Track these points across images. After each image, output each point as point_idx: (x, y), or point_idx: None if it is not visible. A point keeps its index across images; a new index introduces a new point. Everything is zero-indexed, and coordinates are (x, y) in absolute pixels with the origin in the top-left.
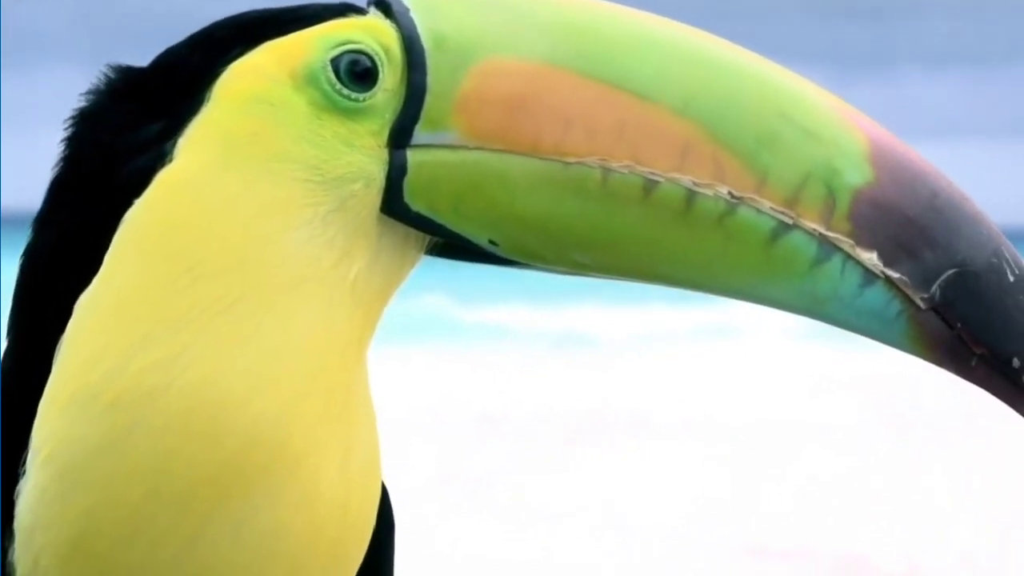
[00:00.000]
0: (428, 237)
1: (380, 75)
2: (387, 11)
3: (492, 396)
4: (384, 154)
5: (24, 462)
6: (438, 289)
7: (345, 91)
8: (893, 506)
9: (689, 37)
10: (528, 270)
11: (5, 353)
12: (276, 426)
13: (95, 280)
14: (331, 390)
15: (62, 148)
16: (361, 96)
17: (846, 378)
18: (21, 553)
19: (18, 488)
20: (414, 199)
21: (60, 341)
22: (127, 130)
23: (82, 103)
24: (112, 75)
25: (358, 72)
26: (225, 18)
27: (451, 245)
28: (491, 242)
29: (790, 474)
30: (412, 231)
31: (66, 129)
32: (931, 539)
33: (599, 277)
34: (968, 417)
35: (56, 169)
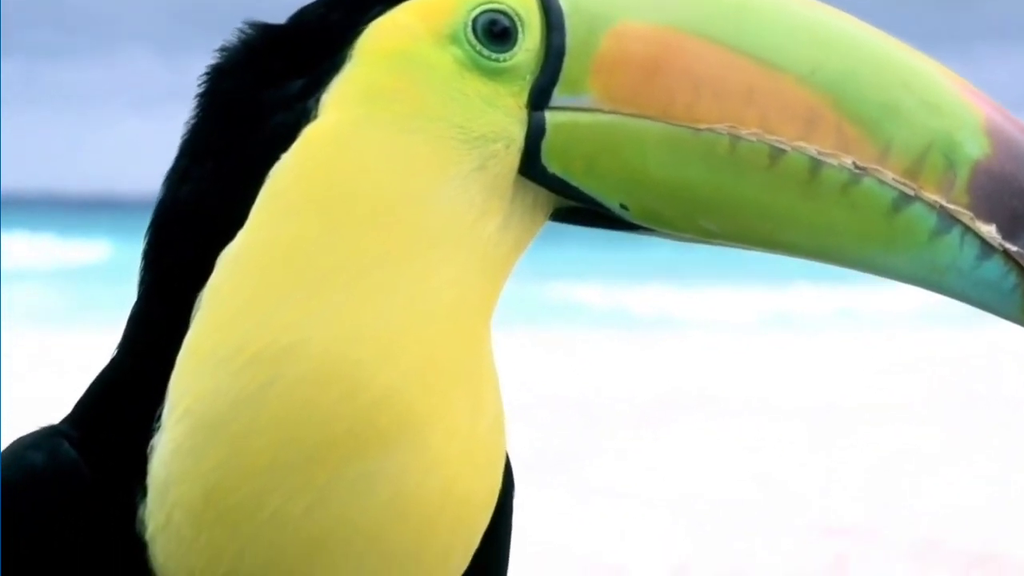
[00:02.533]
0: (554, 202)
1: (519, 35)
2: None
3: (568, 378)
4: (524, 115)
5: (158, 417)
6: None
7: (486, 51)
8: (971, 487)
9: (813, 7)
10: (653, 237)
11: (136, 309)
12: (408, 385)
13: (240, 234)
14: (462, 352)
15: (197, 103)
16: (501, 56)
17: (914, 359)
18: (154, 508)
19: (152, 443)
20: (551, 161)
21: (200, 295)
22: (267, 86)
23: (217, 59)
24: (249, 32)
25: (497, 32)
26: None
27: (576, 210)
28: (622, 206)
29: (864, 454)
30: (541, 194)
31: (201, 85)
32: (1008, 520)
33: (723, 244)
34: None
35: (191, 124)
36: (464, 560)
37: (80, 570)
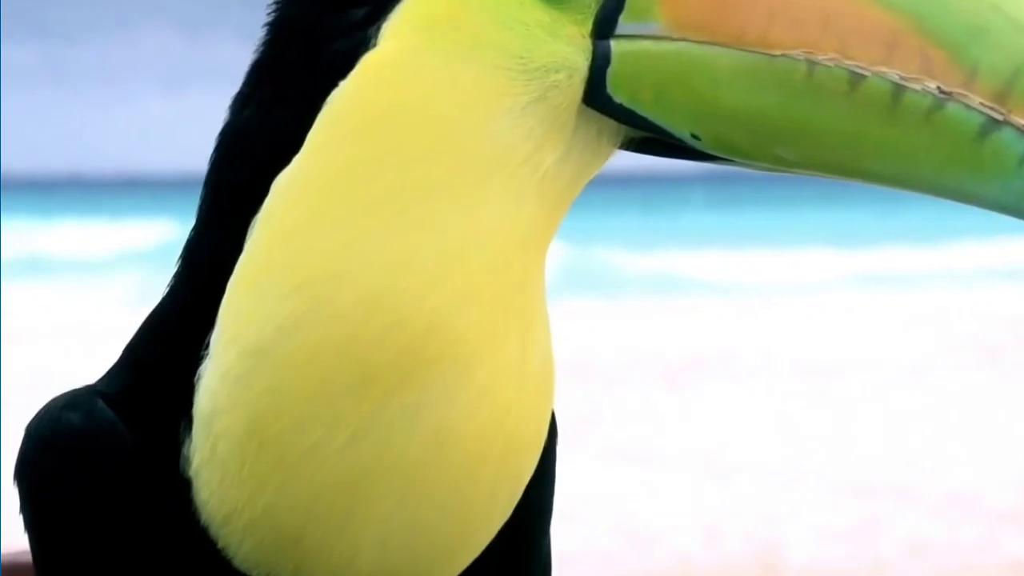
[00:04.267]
0: (624, 131)
1: None
2: None
3: (596, 341)
4: (588, 44)
5: (207, 345)
6: None
7: None
8: (998, 443)
9: None
10: (727, 165)
11: (192, 235)
12: (455, 316)
13: (295, 160)
14: (511, 287)
15: (264, 30)
16: None
17: (932, 315)
18: (199, 442)
19: (198, 372)
20: (617, 90)
21: (254, 220)
22: (331, 13)
23: None
24: None
25: None
26: None
27: (648, 139)
28: (693, 136)
29: (889, 412)
30: (607, 124)
31: (268, 13)
32: None
33: (801, 172)
34: None
35: (258, 50)
36: (511, 501)
37: (124, 525)
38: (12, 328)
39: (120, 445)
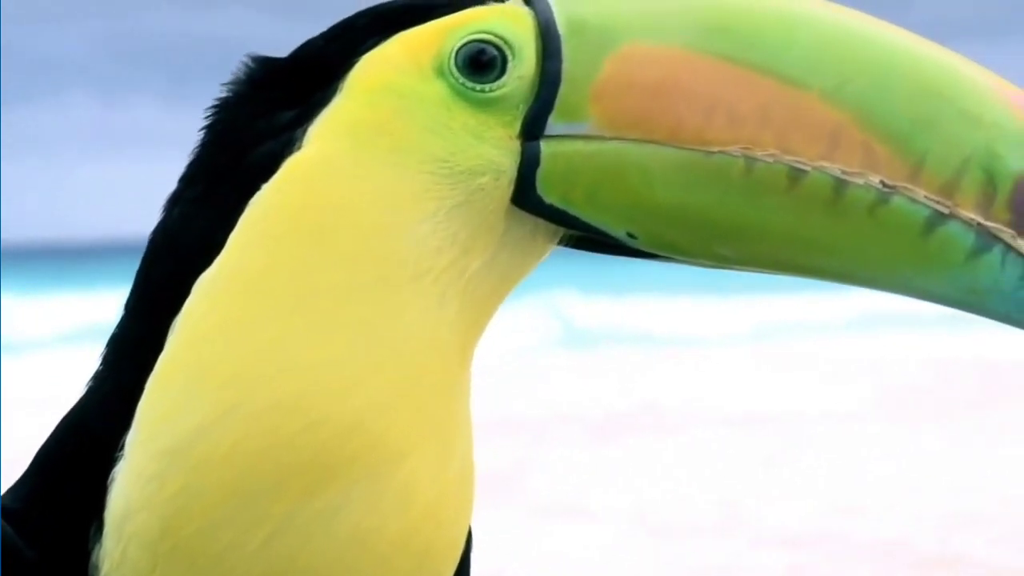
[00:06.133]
0: (560, 230)
1: (508, 65)
2: None
3: (516, 396)
4: (516, 145)
5: (123, 446)
6: None
7: (470, 83)
8: (926, 490)
9: (840, 16)
10: (667, 263)
11: (118, 330)
12: (373, 419)
13: (217, 260)
14: (431, 391)
15: (201, 135)
16: (487, 87)
17: (858, 364)
18: (109, 546)
19: (112, 474)
20: (548, 191)
21: (176, 320)
22: (262, 117)
23: (224, 93)
24: (252, 65)
25: (484, 61)
26: (367, 8)
27: (586, 237)
28: (629, 235)
29: (816, 461)
30: (541, 224)
31: (206, 118)
32: (964, 520)
33: (744, 269)
34: (996, 399)
35: (192, 152)
36: None
37: None
38: None
39: (19, 564)
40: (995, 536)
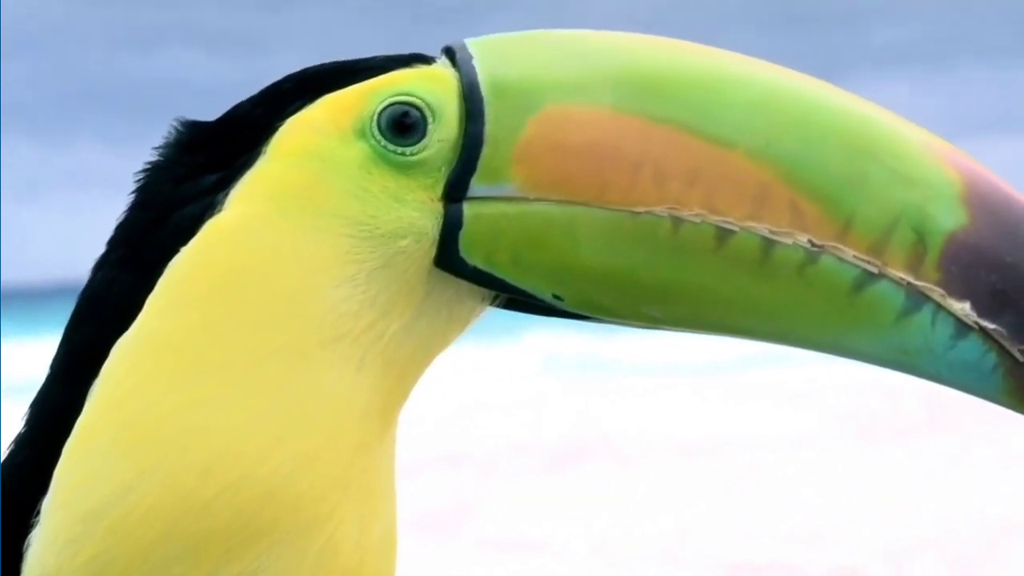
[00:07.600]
0: (488, 292)
1: (429, 128)
2: (453, 59)
3: (464, 428)
4: (438, 207)
5: (39, 512)
6: None
7: (391, 145)
8: (880, 516)
9: (770, 74)
10: (596, 323)
11: (40, 394)
12: (290, 483)
13: (135, 323)
14: (352, 454)
15: (129, 199)
16: (408, 150)
17: (813, 394)
18: None
19: (28, 539)
20: (471, 253)
21: (95, 382)
22: (187, 181)
23: (153, 156)
24: (181, 129)
25: (407, 124)
26: (295, 71)
27: (515, 299)
28: (555, 296)
29: (768, 489)
30: (466, 286)
31: (135, 181)
32: (916, 546)
33: (673, 330)
34: (946, 425)
35: (120, 215)
36: None
37: None
38: None
39: None
40: (949, 560)
